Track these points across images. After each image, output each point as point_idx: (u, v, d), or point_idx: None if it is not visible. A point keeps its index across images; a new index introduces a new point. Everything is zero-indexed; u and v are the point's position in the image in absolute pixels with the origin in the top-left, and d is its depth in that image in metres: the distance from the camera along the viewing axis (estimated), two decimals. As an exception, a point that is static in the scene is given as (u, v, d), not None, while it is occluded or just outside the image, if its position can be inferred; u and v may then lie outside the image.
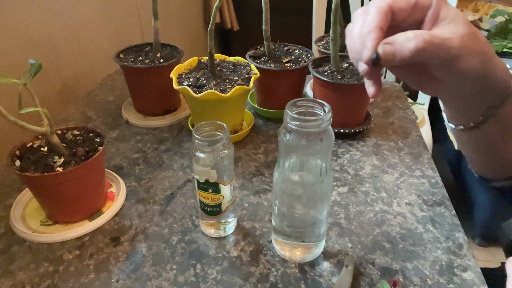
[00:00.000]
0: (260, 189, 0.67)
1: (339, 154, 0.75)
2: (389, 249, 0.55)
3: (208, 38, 0.72)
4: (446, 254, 0.54)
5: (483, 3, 2.07)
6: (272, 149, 0.76)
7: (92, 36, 1.12)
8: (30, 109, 0.49)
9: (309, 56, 0.84)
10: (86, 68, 1.09)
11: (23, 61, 0.85)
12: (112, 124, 0.85)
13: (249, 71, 0.77)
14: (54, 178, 0.53)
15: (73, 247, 0.56)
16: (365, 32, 0.40)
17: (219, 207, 0.54)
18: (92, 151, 0.58)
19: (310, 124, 0.42)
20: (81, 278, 0.51)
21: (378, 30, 0.39)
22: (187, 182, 0.68)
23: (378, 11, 0.40)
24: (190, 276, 0.51)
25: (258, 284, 0.50)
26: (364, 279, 0.51)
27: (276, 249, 0.55)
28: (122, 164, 0.73)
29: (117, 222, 0.60)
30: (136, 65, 0.80)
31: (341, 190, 0.66)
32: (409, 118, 0.87)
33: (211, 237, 0.57)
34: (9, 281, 0.51)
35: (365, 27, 0.40)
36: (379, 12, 0.40)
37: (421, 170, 0.71)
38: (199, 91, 0.69)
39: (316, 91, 0.80)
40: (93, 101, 0.94)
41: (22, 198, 0.63)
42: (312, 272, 0.52)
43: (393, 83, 1.03)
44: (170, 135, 0.81)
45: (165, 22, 1.52)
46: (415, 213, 0.61)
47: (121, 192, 0.65)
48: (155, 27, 0.83)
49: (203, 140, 0.49)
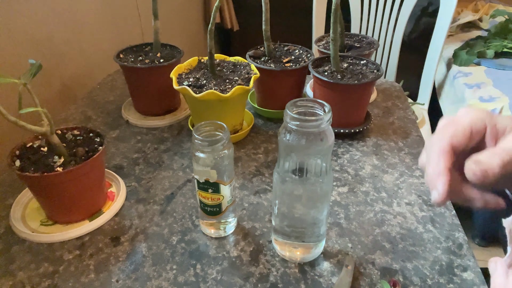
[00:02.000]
0: (260, 189, 0.67)
1: (339, 154, 0.75)
2: (389, 249, 0.55)
3: (208, 38, 0.72)
4: (446, 254, 0.54)
5: (483, 3, 2.07)
6: (272, 149, 0.77)
7: (92, 36, 1.12)
8: (30, 109, 0.49)
9: (309, 56, 0.84)
10: (86, 68, 1.09)
11: (23, 61, 0.85)
12: (112, 124, 0.85)
13: (249, 71, 0.77)
14: (54, 178, 0.53)
15: (73, 247, 0.56)
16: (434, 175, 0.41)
17: (219, 207, 0.54)
18: (92, 151, 0.58)
19: (310, 124, 0.42)
20: (81, 278, 0.51)
21: (446, 173, 0.40)
22: (187, 182, 0.68)
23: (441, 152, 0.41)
24: (190, 276, 0.51)
25: (258, 284, 0.50)
26: (364, 279, 0.51)
27: (276, 249, 0.55)
28: (122, 164, 0.73)
29: (117, 222, 0.60)
30: (136, 65, 0.80)
31: (341, 190, 0.66)
32: (409, 118, 0.87)
33: (211, 237, 0.57)
34: (9, 281, 0.51)
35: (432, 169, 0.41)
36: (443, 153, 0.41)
37: (421, 170, 0.71)
38: (199, 91, 0.69)
39: (316, 91, 0.80)
40: (93, 101, 0.94)
41: (22, 198, 0.63)
42: (312, 272, 0.52)
43: (393, 83, 1.03)
44: (170, 135, 0.81)
45: (165, 22, 1.52)
46: (415, 213, 0.61)
47: (121, 192, 0.65)
48: (155, 27, 0.83)
49: (203, 140, 0.49)
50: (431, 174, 0.41)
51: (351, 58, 0.82)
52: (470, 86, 1.49)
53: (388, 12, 1.50)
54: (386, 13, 1.50)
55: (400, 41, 1.52)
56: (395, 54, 1.56)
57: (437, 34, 1.48)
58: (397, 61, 1.57)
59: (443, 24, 1.45)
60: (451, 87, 1.63)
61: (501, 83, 1.48)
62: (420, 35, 1.89)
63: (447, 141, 0.41)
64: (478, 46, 1.67)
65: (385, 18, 1.52)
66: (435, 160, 0.41)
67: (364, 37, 0.98)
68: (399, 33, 1.51)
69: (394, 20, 1.50)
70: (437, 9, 1.47)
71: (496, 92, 1.43)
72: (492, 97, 1.40)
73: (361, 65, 0.80)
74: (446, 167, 0.40)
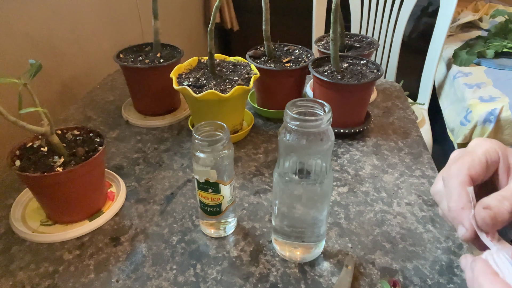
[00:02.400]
0: (260, 189, 0.67)
1: (339, 154, 0.75)
2: (389, 249, 0.55)
3: (208, 38, 0.72)
4: (446, 254, 0.54)
5: (483, 3, 2.07)
6: (272, 149, 0.77)
7: (92, 36, 1.12)
8: (30, 109, 0.49)
9: (309, 56, 0.84)
10: (86, 68, 1.10)
11: (23, 61, 0.85)
12: (112, 124, 0.85)
13: (249, 71, 0.77)
14: (54, 178, 0.53)
15: (73, 247, 0.56)
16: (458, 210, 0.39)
17: (219, 207, 0.54)
18: (92, 151, 0.58)
19: (310, 124, 0.42)
20: (81, 278, 0.51)
21: (470, 206, 0.39)
22: (187, 182, 0.68)
23: (461, 184, 0.40)
24: (190, 276, 0.51)
25: (258, 284, 0.50)
26: (364, 279, 0.51)
27: (276, 249, 0.55)
28: (122, 164, 0.73)
29: (117, 222, 0.60)
30: (136, 65, 0.80)
31: (341, 190, 0.66)
32: (409, 118, 0.87)
33: (211, 237, 0.57)
34: (9, 281, 0.51)
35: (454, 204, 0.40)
36: (463, 186, 0.40)
37: (421, 170, 0.71)
38: (199, 91, 0.69)
39: (316, 91, 0.80)
40: (93, 101, 0.94)
41: (22, 198, 0.63)
42: (312, 272, 0.52)
43: (393, 83, 1.03)
44: (170, 135, 0.81)
45: (165, 22, 1.52)
46: (415, 213, 0.61)
47: (121, 192, 0.65)
48: (155, 27, 0.83)
49: (203, 140, 0.49)
50: (454, 209, 0.39)
51: (351, 58, 0.82)
52: (470, 86, 1.49)
53: (388, 12, 1.50)
54: (386, 13, 1.51)
55: (400, 41, 1.52)
56: (395, 54, 1.56)
57: (437, 34, 1.48)
58: (397, 61, 1.57)
59: (443, 24, 1.45)
60: (451, 87, 1.64)
61: (501, 83, 1.48)
62: (420, 35, 1.89)
63: (466, 172, 0.40)
64: (478, 46, 1.67)
65: (385, 18, 1.52)
66: (457, 193, 0.39)
67: (364, 37, 0.98)
68: (399, 33, 1.51)
69: (394, 20, 1.50)
70: (437, 9, 1.47)
71: (496, 92, 1.43)
72: (492, 97, 1.40)
73: (361, 65, 0.80)
74: (469, 201, 0.39)
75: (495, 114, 1.34)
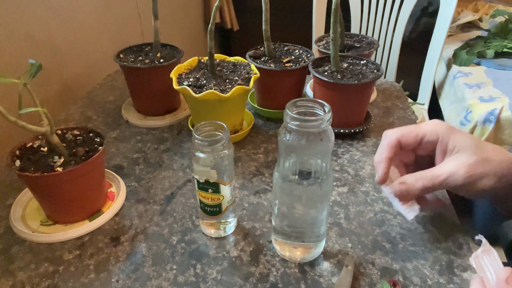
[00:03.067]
0: (260, 189, 0.67)
1: (339, 154, 0.75)
2: (389, 249, 0.55)
3: (208, 38, 0.72)
4: (446, 254, 0.54)
5: (483, 3, 2.07)
6: (272, 149, 0.77)
7: (92, 36, 1.12)
8: (30, 109, 0.49)
9: (309, 56, 0.84)
10: (86, 68, 1.10)
11: (23, 61, 0.85)
12: (112, 124, 0.85)
13: (249, 71, 0.77)
14: (54, 178, 0.53)
15: (73, 247, 0.56)
16: (377, 161, 0.51)
17: (219, 207, 0.54)
18: (92, 151, 0.58)
19: (310, 124, 0.42)
20: (81, 278, 0.51)
21: (387, 161, 0.50)
22: (187, 182, 0.68)
23: (387, 144, 0.51)
24: (190, 276, 0.51)
25: (258, 284, 0.50)
26: (364, 279, 0.51)
27: (276, 249, 0.55)
28: (122, 164, 0.73)
29: (117, 222, 0.60)
30: (136, 65, 0.80)
31: (341, 190, 0.66)
32: (409, 118, 0.87)
33: (211, 237, 0.57)
34: (9, 281, 0.51)
35: (377, 157, 0.51)
36: (388, 145, 0.50)
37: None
38: (199, 91, 0.69)
39: (316, 91, 0.80)
40: (93, 101, 0.94)
41: (22, 198, 0.63)
42: (312, 272, 0.52)
43: (393, 83, 1.03)
44: (170, 135, 0.81)
45: (165, 22, 1.52)
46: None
47: (121, 192, 0.65)
48: (155, 27, 0.83)
49: (203, 140, 0.49)
50: (375, 160, 0.51)
51: (351, 58, 0.82)
52: (470, 86, 1.49)
53: (388, 12, 1.50)
54: (386, 13, 1.51)
55: (400, 41, 1.53)
56: (395, 54, 1.56)
57: (437, 34, 1.48)
58: (397, 61, 1.57)
59: (443, 24, 1.45)
60: (451, 87, 1.64)
61: (501, 83, 1.48)
62: (420, 35, 1.89)
63: (396, 137, 0.51)
64: (478, 46, 1.68)
65: (385, 18, 1.52)
66: (381, 150, 0.51)
67: (364, 37, 0.98)
68: (399, 33, 1.52)
69: (394, 20, 1.50)
70: (437, 9, 1.47)
71: (496, 92, 1.43)
72: (492, 97, 1.40)
73: (361, 65, 0.80)
74: (388, 157, 0.50)
75: (495, 114, 1.34)
